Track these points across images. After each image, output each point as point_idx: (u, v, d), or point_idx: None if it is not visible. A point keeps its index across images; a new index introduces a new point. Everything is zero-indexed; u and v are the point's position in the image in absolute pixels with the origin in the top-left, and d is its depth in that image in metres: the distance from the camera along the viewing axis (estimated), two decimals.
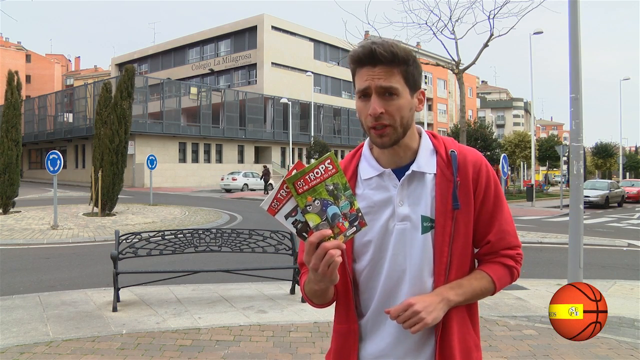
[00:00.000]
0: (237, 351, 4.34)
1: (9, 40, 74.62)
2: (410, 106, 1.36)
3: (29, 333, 4.79)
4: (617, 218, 19.62)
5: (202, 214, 16.82)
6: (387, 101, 1.32)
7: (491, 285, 1.42)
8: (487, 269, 1.43)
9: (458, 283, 1.37)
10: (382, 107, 1.31)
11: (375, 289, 1.40)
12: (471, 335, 1.44)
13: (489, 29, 8.92)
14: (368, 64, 1.33)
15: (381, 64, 1.31)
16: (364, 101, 1.35)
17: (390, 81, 1.31)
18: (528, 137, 35.21)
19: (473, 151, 1.44)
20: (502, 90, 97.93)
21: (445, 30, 9.17)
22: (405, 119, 1.35)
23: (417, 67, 1.37)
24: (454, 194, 1.36)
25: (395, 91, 1.32)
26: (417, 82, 1.38)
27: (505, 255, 1.44)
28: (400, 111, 1.33)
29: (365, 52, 1.32)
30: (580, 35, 5.10)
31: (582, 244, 5.06)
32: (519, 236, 1.63)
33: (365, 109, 1.34)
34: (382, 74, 1.31)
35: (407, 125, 1.36)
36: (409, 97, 1.35)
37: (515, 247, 1.45)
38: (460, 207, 1.36)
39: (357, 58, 1.35)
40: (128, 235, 5.96)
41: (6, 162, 15.39)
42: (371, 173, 1.41)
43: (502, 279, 1.43)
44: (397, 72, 1.32)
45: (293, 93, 44.04)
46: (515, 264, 1.45)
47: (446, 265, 1.36)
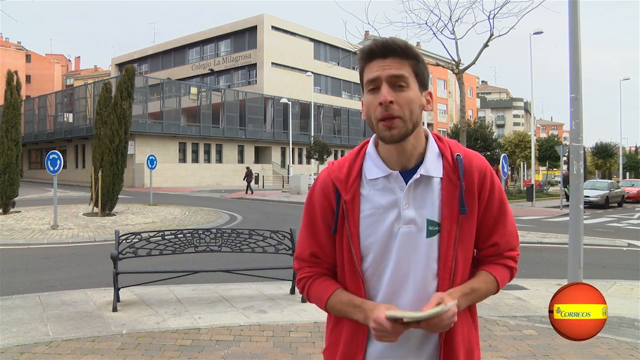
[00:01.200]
0: (237, 351, 4.34)
1: (9, 40, 74.61)
2: (420, 102, 1.36)
3: (29, 333, 4.79)
4: (617, 218, 19.61)
5: (202, 214, 16.82)
6: (398, 92, 1.32)
7: (496, 287, 1.45)
8: (494, 272, 1.44)
9: (471, 288, 1.39)
10: (393, 97, 1.31)
11: (378, 291, 1.40)
12: (473, 334, 1.45)
13: (489, 29, 8.93)
14: (379, 56, 1.33)
15: (392, 55, 1.32)
16: (373, 94, 1.34)
17: (402, 70, 1.32)
18: (528, 137, 35.20)
19: (478, 156, 1.45)
20: (502, 90, 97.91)
21: (445, 30, 9.19)
22: (415, 114, 1.34)
23: (425, 67, 1.38)
24: (461, 199, 1.36)
25: (406, 81, 1.32)
26: (425, 81, 1.38)
27: (508, 256, 1.47)
28: (409, 104, 1.33)
29: (378, 44, 1.33)
30: (580, 35, 5.09)
31: (582, 244, 5.05)
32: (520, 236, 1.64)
33: (375, 100, 1.32)
34: (393, 64, 1.32)
35: (416, 122, 1.35)
36: (418, 91, 1.35)
37: (516, 248, 1.48)
38: (466, 212, 1.37)
39: (368, 51, 1.35)
40: (128, 235, 5.96)
41: (6, 162, 15.39)
42: (377, 174, 1.40)
43: (504, 280, 1.46)
44: (407, 64, 1.33)
45: (293, 93, 44.02)
46: (515, 264, 1.49)
47: (451, 269, 1.36)
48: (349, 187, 1.40)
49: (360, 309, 1.36)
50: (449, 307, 1.25)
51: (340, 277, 1.46)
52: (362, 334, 1.41)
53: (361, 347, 1.41)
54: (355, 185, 1.40)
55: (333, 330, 1.49)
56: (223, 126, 40.46)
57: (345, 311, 1.40)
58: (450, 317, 1.27)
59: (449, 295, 1.32)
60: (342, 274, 1.45)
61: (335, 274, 1.49)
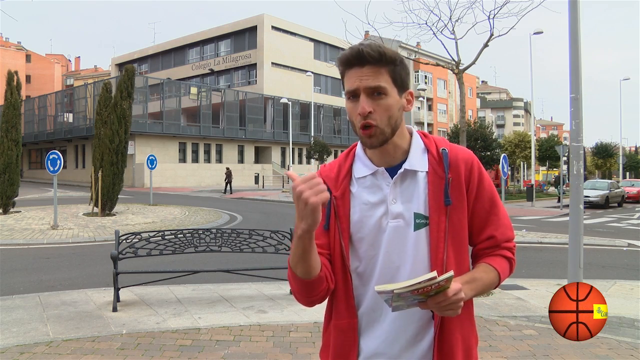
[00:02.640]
0: (237, 351, 4.34)
1: (9, 40, 74.61)
2: (399, 106, 1.39)
3: (29, 333, 4.79)
4: (617, 218, 19.62)
5: (202, 214, 16.82)
6: (376, 100, 1.34)
7: (497, 278, 1.44)
8: (493, 263, 1.44)
9: (473, 277, 1.39)
10: (371, 107, 1.34)
11: (369, 286, 1.41)
12: (473, 334, 1.45)
13: (489, 29, 8.90)
14: (356, 65, 1.35)
15: (369, 64, 1.34)
16: (353, 102, 1.37)
17: (379, 80, 1.34)
18: (528, 137, 35.23)
19: (464, 149, 1.47)
20: (502, 90, 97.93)
21: (445, 30, 9.15)
22: (394, 118, 1.37)
23: (404, 67, 1.40)
24: (445, 190, 1.38)
25: (384, 90, 1.34)
26: (404, 82, 1.40)
27: (506, 247, 1.47)
28: (388, 110, 1.35)
29: (353, 53, 1.35)
30: (580, 35, 5.09)
31: (582, 244, 5.05)
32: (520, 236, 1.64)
33: (355, 109, 1.36)
34: (370, 74, 1.34)
35: (395, 125, 1.38)
36: (397, 96, 1.38)
37: (511, 240, 1.49)
38: (454, 204, 1.38)
39: (345, 60, 1.37)
40: (128, 235, 5.96)
41: (6, 162, 15.40)
42: (364, 172, 1.44)
43: (504, 271, 1.46)
44: (384, 71, 1.35)
45: (293, 93, 44.04)
46: (513, 255, 1.49)
47: (442, 261, 1.36)
48: (339, 185, 1.44)
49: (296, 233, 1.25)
50: (449, 275, 1.17)
51: (332, 272, 1.46)
52: (353, 332, 1.41)
53: (353, 345, 1.42)
54: (345, 183, 1.44)
55: (325, 330, 1.51)
56: (223, 126, 40.47)
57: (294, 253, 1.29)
58: (454, 293, 1.21)
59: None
60: (333, 269, 1.45)
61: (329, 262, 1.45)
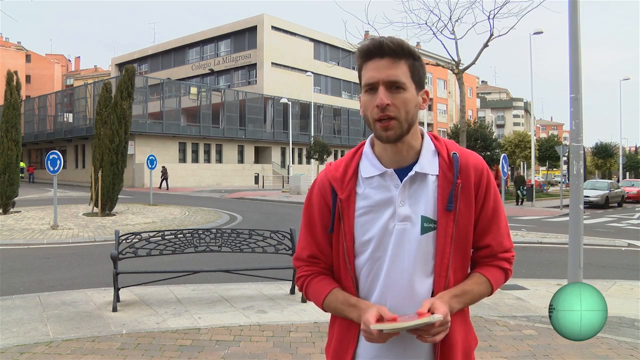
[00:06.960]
0: (237, 351, 4.34)
1: (9, 40, 74.58)
2: (416, 102, 1.38)
3: (29, 333, 4.79)
4: (617, 218, 19.61)
5: (202, 214, 16.82)
6: (394, 94, 1.33)
7: (489, 290, 1.45)
8: (486, 274, 1.44)
9: (463, 290, 1.38)
10: (389, 99, 1.32)
11: (374, 288, 1.40)
12: (472, 336, 1.46)
13: (489, 29, 8.93)
14: (376, 56, 1.34)
15: (389, 56, 1.33)
16: (370, 94, 1.36)
17: (398, 74, 1.33)
18: (528, 137, 35.22)
19: (474, 155, 1.45)
20: (502, 90, 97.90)
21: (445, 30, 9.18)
22: (411, 114, 1.36)
23: (422, 65, 1.39)
24: (451, 195, 1.36)
25: (402, 85, 1.33)
26: (422, 80, 1.39)
27: (503, 258, 1.46)
28: (406, 105, 1.34)
29: (375, 44, 1.34)
30: (580, 35, 5.09)
31: (582, 244, 5.05)
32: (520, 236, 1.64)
33: (372, 101, 1.35)
34: (389, 66, 1.33)
35: (411, 121, 1.37)
36: (414, 92, 1.37)
37: (510, 250, 1.48)
38: (461, 209, 1.37)
39: (366, 50, 1.36)
40: (128, 235, 5.96)
41: (6, 162, 15.39)
42: (372, 172, 1.41)
43: (498, 282, 1.46)
44: (404, 65, 1.34)
45: (293, 93, 44.02)
46: (510, 265, 1.48)
47: (447, 265, 1.36)
48: (345, 186, 1.42)
49: (355, 308, 1.37)
50: (437, 319, 1.23)
51: (337, 275, 1.47)
52: (353, 332, 1.42)
53: (351, 345, 1.42)
54: (351, 184, 1.42)
55: (331, 326, 1.51)
56: (223, 126, 40.45)
57: (341, 309, 1.41)
58: (440, 327, 1.26)
59: (440, 299, 1.32)
60: (337, 272, 1.46)
61: (333, 273, 1.49)
